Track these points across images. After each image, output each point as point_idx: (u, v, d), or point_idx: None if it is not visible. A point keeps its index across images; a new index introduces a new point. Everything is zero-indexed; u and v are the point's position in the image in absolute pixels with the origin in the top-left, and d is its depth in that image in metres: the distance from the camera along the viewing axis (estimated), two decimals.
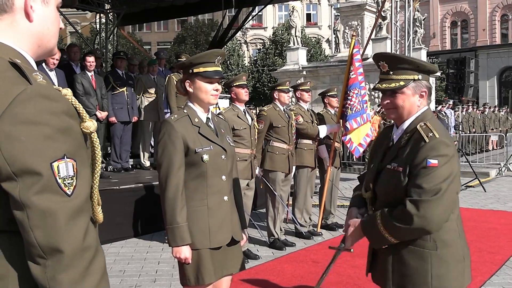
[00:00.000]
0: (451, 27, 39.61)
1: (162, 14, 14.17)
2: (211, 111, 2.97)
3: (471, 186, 11.37)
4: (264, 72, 34.70)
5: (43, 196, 1.19)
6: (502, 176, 13.69)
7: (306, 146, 6.54)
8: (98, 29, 15.83)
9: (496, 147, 19.96)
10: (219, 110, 8.25)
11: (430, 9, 38.10)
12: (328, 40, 39.97)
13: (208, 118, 2.86)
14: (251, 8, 13.05)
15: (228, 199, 2.83)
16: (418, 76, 2.29)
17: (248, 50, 43.09)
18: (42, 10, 1.36)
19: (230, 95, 5.65)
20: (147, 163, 9.27)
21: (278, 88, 6.17)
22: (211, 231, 2.74)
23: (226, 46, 28.73)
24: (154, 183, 7.04)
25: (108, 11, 14.17)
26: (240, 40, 41.20)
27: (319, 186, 7.45)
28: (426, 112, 2.33)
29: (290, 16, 20.32)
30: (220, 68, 2.84)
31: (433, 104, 18.70)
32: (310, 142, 6.57)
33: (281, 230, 6.32)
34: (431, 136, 2.17)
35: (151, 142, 9.45)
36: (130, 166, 9.12)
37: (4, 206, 1.25)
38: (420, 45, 18.44)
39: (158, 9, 13.23)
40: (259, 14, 36.33)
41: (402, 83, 2.26)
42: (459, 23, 39.24)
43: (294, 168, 6.36)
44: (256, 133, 5.69)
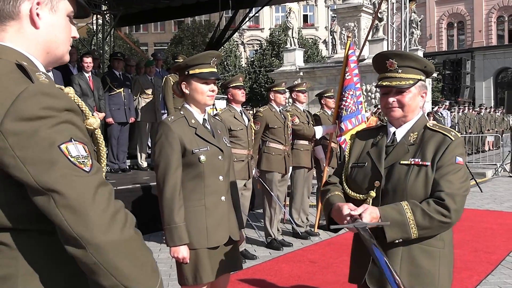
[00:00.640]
0: (447, 28, 39.72)
1: (159, 15, 14.18)
2: (208, 112, 2.99)
3: None
4: (261, 73, 34.71)
5: (61, 176, 1.20)
6: (499, 176, 13.74)
7: (302, 147, 6.56)
8: (95, 30, 15.83)
9: (492, 147, 20.03)
10: (216, 111, 8.27)
11: (426, 10, 38.19)
12: (325, 41, 40.08)
13: (204, 119, 2.88)
14: (248, 9, 13.08)
15: (225, 199, 2.85)
16: (423, 77, 2.32)
17: (245, 51, 43.13)
18: (49, 17, 1.37)
19: (226, 96, 5.67)
20: (144, 164, 9.27)
21: (274, 89, 6.19)
22: (209, 231, 2.75)
23: (223, 47, 28.77)
24: (151, 183, 7.05)
25: (105, 12, 14.18)
26: (237, 41, 41.22)
27: (316, 186, 7.46)
28: (424, 116, 2.39)
29: (287, 17, 20.36)
30: (215, 69, 2.86)
31: (429, 105, 18.73)
32: (306, 142, 6.60)
33: (278, 230, 6.34)
34: (454, 135, 2.23)
35: (148, 143, 9.46)
36: (127, 167, 9.13)
37: (13, 203, 1.25)
38: (417, 46, 18.48)
39: (155, 10, 13.24)
40: (256, 15, 36.29)
41: (412, 81, 2.27)
42: (456, 25, 39.35)
43: (291, 168, 6.38)
44: (253, 133, 5.71)
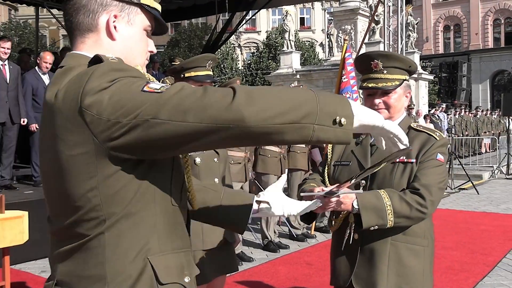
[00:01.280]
0: (444, 31, 39.83)
1: None
2: None
3: (464, 189, 11.44)
4: (258, 76, 34.72)
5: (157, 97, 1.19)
6: (495, 178, 13.79)
7: (299, 149, 6.57)
8: None
9: (489, 150, 20.06)
10: None
11: (423, 13, 38.29)
12: (321, 44, 40.11)
13: None
14: (245, 12, 13.09)
15: None
16: (407, 77, 2.32)
17: (242, 54, 43.14)
18: (126, 30, 1.43)
19: None
20: None
21: None
22: (204, 232, 2.75)
23: (220, 50, 28.79)
24: None
25: None
26: (234, 44, 41.24)
27: None
28: (407, 116, 2.41)
29: (284, 20, 20.35)
30: (211, 72, 2.87)
31: (426, 108, 18.76)
32: (303, 145, 6.60)
33: (275, 232, 6.34)
34: (438, 135, 2.26)
35: None
36: None
37: (111, 195, 1.28)
38: (413, 49, 18.50)
39: None
40: (252, 18, 36.36)
41: (397, 82, 2.26)
42: (452, 27, 39.48)
43: (287, 171, 6.37)
44: None
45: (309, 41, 40.13)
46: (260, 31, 43.06)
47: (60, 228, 1.35)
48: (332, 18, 20.35)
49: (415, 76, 17.65)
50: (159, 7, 1.49)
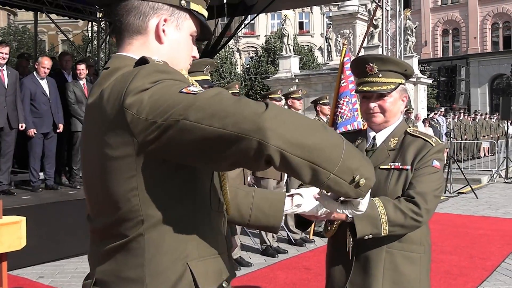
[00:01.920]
0: (442, 35, 39.92)
1: None
2: None
3: (463, 193, 11.43)
4: (257, 80, 34.73)
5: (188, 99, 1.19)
6: (494, 182, 13.78)
7: None
8: (90, 37, 15.83)
9: (488, 154, 20.06)
10: None
11: (421, 17, 38.37)
12: (320, 48, 40.20)
13: None
14: (244, 16, 13.09)
15: None
16: (403, 80, 2.29)
17: (240, 58, 43.19)
18: (174, 34, 1.45)
19: None
20: None
21: (270, 96, 6.21)
22: None
23: (218, 54, 28.81)
24: None
25: (100, 19, 14.17)
26: (233, 48, 41.29)
27: None
28: (404, 121, 2.37)
29: (283, 25, 20.40)
30: (209, 77, 2.87)
31: (425, 111, 18.78)
32: None
33: (273, 237, 6.33)
34: (435, 141, 2.23)
35: None
36: None
37: (147, 198, 1.28)
38: (412, 53, 18.55)
39: None
40: (251, 22, 36.46)
41: (393, 86, 2.23)
42: (451, 31, 39.56)
43: (286, 175, 6.37)
44: None
45: (308, 45, 40.19)
46: (259, 36, 43.12)
47: (100, 227, 1.37)
48: (330, 23, 20.40)
49: (414, 80, 17.68)
50: (206, 13, 1.51)
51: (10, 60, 8.85)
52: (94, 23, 14.51)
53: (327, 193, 1.58)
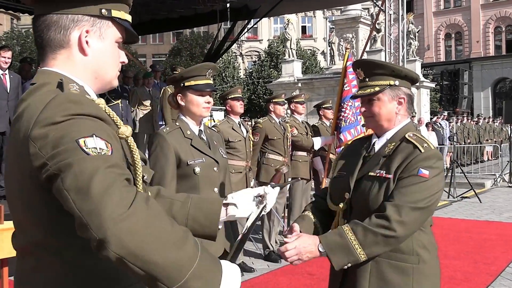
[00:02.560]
0: (445, 39, 39.91)
1: (157, 27, 14.19)
2: (204, 123, 2.97)
3: (466, 197, 11.38)
4: (260, 84, 34.77)
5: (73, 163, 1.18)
6: (498, 187, 13.71)
7: (301, 158, 6.54)
8: None
9: (491, 157, 20.00)
10: (214, 122, 8.26)
11: (424, 21, 38.39)
12: (323, 52, 40.19)
13: (200, 130, 2.86)
14: (247, 20, 13.10)
15: None
16: (395, 82, 2.19)
17: (243, 62, 43.25)
18: (98, 44, 1.42)
19: (225, 108, 5.67)
20: None
21: (274, 100, 6.19)
22: (203, 243, 2.71)
23: (221, 58, 28.84)
24: None
25: None
26: (236, 53, 41.34)
27: None
28: (410, 125, 2.26)
29: (285, 29, 20.39)
30: (211, 81, 2.85)
31: (428, 115, 18.74)
32: (304, 154, 6.57)
33: (276, 242, 6.30)
34: (426, 146, 2.09)
35: (146, 155, 9.44)
36: None
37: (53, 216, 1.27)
38: (415, 57, 18.52)
39: (153, 21, 13.25)
40: (254, 26, 36.47)
41: (377, 88, 2.17)
42: (453, 35, 39.56)
43: (290, 180, 6.35)
44: (251, 145, 5.69)
45: (310, 49, 40.24)
46: (262, 40, 43.20)
47: (19, 245, 1.39)
48: (333, 27, 20.37)
49: (417, 84, 17.63)
50: (129, 17, 1.48)
51: (13, 64, 8.85)
52: None
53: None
